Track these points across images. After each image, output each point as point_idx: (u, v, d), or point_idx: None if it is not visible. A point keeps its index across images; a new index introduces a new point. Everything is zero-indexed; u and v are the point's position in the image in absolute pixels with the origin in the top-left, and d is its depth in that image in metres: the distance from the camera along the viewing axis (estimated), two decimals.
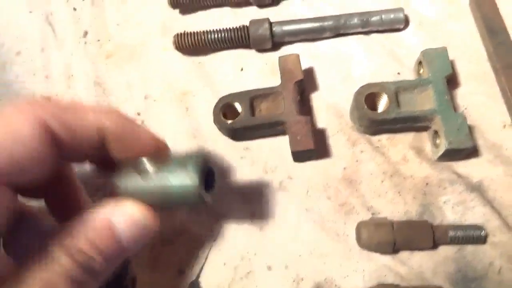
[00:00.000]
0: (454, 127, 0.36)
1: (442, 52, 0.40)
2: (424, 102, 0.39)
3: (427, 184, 0.38)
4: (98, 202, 0.27)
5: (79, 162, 0.31)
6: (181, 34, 0.47)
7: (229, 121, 0.40)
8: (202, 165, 0.29)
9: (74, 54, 0.50)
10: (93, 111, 0.27)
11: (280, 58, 0.42)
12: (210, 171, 0.30)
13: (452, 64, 0.42)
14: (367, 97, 0.39)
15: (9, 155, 0.23)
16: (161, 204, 0.29)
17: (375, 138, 0.41)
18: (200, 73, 0.47)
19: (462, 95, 0.41)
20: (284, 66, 0.42)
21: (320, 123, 0.42)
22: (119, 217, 0.26)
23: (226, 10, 0.50)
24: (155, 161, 0.29)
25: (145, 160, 0.29)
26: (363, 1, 0.48)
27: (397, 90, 0.39)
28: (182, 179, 0.27)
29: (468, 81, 0.42)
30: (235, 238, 0.38)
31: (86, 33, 0.52)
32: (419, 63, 0.41)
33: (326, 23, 0.45)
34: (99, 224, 0.25)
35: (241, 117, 0.40)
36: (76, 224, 0.25)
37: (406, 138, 0.40)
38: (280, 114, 0.40)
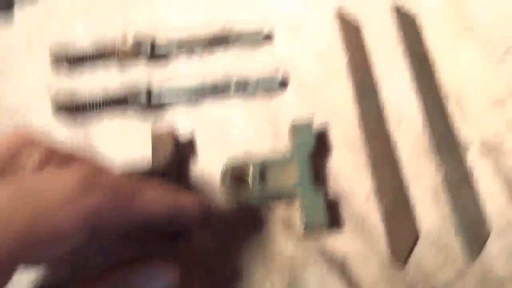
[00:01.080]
0: (312, 206, 0.37)
1: (307, 126, 0.40)
2: (289, 178, 0.39)
3: (293, 261, 0.39)
4: None
5: None
6: (60, 100, 0.46)
7: None
8: None
9: None
10: None
11: (152, 135, 0.41)
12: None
13: (326, 130, 0.43)
14: (235, 171, 0.39)
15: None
16: None
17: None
18: (82, 141, 0.46)
19: (333, 163, 0.42)
20: (156, 144, 0.41)
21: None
22: None
23: (113, 68, 0.49)
24: None
25: None
26: (248, 63, 0.47)
27: (264, 165, 0.39)
28: None
29: (339, 148, 0.42)
30: None
31: None
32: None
33: (205, 88, 0.45)
34: None
35: None
36: None
37: (277, 211, 0.40)
38: None
